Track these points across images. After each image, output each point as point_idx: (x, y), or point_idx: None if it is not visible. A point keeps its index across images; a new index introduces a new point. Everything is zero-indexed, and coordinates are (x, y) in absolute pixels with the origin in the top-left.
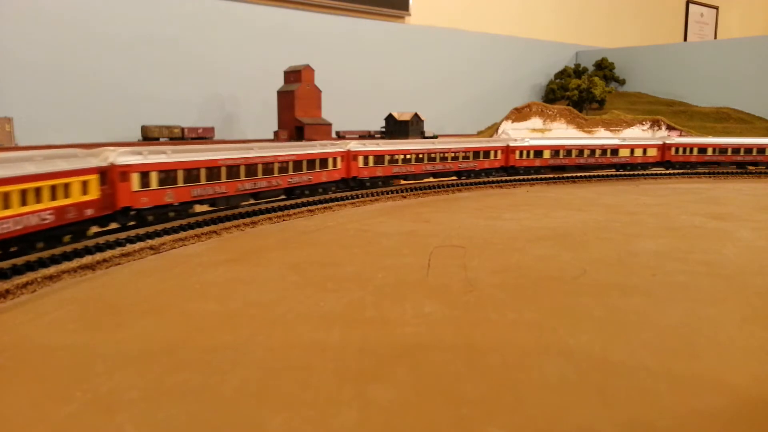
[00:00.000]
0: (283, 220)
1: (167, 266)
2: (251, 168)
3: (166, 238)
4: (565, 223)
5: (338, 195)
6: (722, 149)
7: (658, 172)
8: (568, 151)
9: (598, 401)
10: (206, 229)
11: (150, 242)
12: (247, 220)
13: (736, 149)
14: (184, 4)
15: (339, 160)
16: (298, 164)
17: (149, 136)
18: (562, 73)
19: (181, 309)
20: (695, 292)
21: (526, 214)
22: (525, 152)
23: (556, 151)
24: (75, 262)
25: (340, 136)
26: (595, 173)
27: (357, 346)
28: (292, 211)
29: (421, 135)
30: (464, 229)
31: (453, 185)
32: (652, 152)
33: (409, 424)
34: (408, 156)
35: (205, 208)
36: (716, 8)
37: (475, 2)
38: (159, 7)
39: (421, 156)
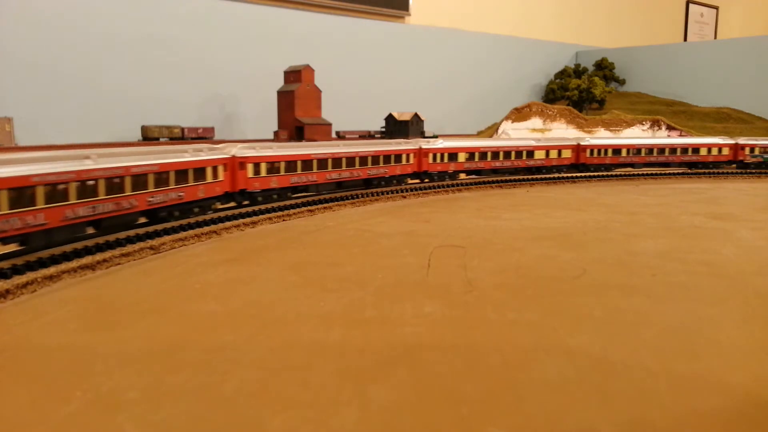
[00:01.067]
0: (283, 220)
1: (167, 266)
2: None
3: (166, 238)
4: (565, 223)
5: (338, 195)
6: (636, 150)
7: (659, 172)
8: (483, 154)
9: (598, 401)
10: (206, 229)
11: (150, 242)
12: (247, 220)
13: (649, 150)
14: (184, 4)
15: (220, 169)
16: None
17: (149, 136)
18: (562, 73)
19: (181, 309)
20: (695, 292)
21: (526, 214)
22: (439, 155)
23: (471, 153)
24: (75, 262)
25: (340, 136)
26: (595, 174)
27: (357, 346)
28: (292, 211)
29: (421, 135)
30: (464, 229)
31: (453, 185)
32: (566, 154)
33: (409, 424)
34: (308, 161)
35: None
36: (716, 8)
37: (476, 2)
38: (159, 7)
39: (323, 161)
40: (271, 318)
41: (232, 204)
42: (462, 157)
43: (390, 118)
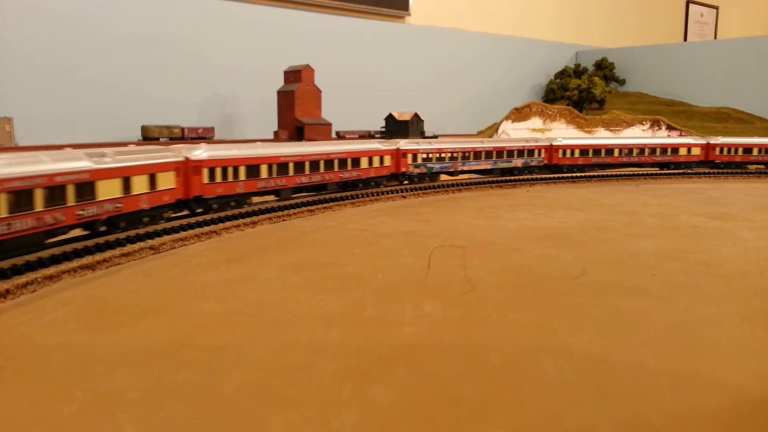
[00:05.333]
0: (283, 220)
1: (167, 266)
2: None
3: (166, 238)
4: (565, 223)
5: (338, 195)
6: (608, 150)
7: (658, 172)
8: (465, 155)
9: (598, 401)
10: (206, 229)
11: (150, 242)
12: (247, 220)
13: (622, 150)
14: (184, 4)
15: (171, 176)
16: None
17: (149, 136)
18: (562, 73)
19: (181, 309)
20: (695, 292)
21: (526, 214)
22: (418, 156)
23: (452, 154)
24: (75, 262)
25: (340, 136)
26: (596, 173)
27: (357, 346)
28: (292, 211)
29: (421, 135)
30: (464, 229)
31: (453, 185)
32: (541, 155)
33: (409, 424)
34: (275, 164)
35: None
36: (716, 8)
37: (475, 2)
38: (159, 7)
39: (295, 163)
40: (272, 318)
41: (185, 212)
42: (448, 157)
43: (390, 118)
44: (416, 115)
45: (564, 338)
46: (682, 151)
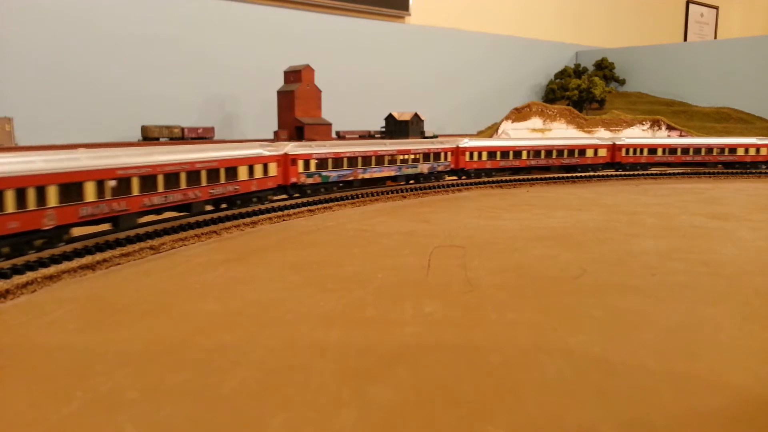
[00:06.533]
0: (283, 220)
1: (167, 266)
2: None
3: (166, 238)
4: (565, 223)
5: (338, 195)
6: (516, 153)
7: (660, 172)
8: (379, 158)
9: (598, 401)
10: (206, 229)
11: (150, 242)
12: (247, 220)
13: (530, 152)
14: (184, 4)
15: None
16: None
17: (149, 136)
18: (562, 73)
19: (181, 309)
20: (695, 292)
21: (526, 214)
22: (313, 163)
23: (363, 158)
24: (75, 262)
25: (341, 136)
26: (596, 173)
27: (357, 346)
28: (292, 211)
29: (421, 135)
30: (464, 229)
31: (453, 185)
32: (448, 158)
33: (409, 424)
34: (108, 181)
35: None
36: (716, 8)
37: (475, 2)
38: (159, 7)
39: (142, 177)
40: (271, 318)
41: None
42: (346, 163)
43: (390, 118)
44: (416, 115)
45: (564, 338)
46: (589, 153)
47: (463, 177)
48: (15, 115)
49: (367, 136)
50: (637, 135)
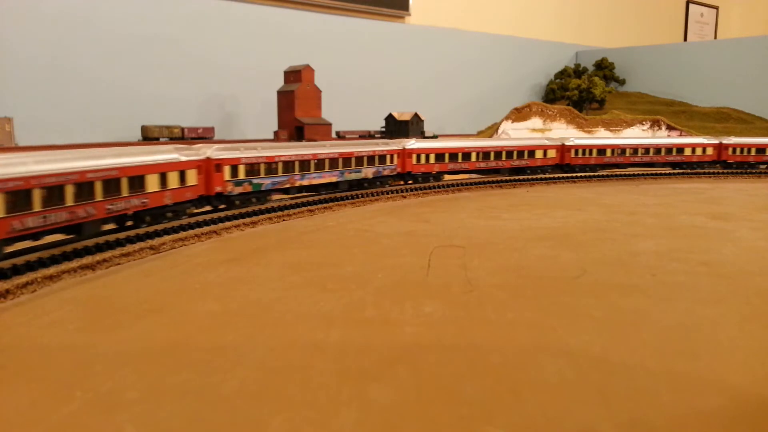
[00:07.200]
0: (283, 220)
1: (167, 266)
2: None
3: (166, 238)
4: (565, 223)
5: (338, 195)
6: (465, 154)
7: (661, 172)
8: (288, 164)
9: (598, 401)
10: (206, 229)
11: (150, 242)
12: (247, 220)
13: (479, 154)
14: (184, 4)
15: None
16: None
17: (149, 136)
18: (562, 73)
19: (181, 309)
20: (695, 292)
21: (526, 214)
22: (242, 169)
23: (298, 162)
24: (75, 262)
25: (340, 136)
26: (596, 173)
27: (357, 346)
28: (292, 211)
29: (422, 135)
30: (464, 229)
31: (453, 185)
32: (395, 161)
33: (409, 424)
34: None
35: None
36: (716, 8)
37: (475, 2)
38: (159, 7)
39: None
40: (271, 318)
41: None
42: (282, 168)
43: (390, 118)
44: (416, 115)
45: (564, 338)
46: (539, 154)
47: (410, 182)
48: (15, 115)
49: (367, 136)
50: (584, 135)
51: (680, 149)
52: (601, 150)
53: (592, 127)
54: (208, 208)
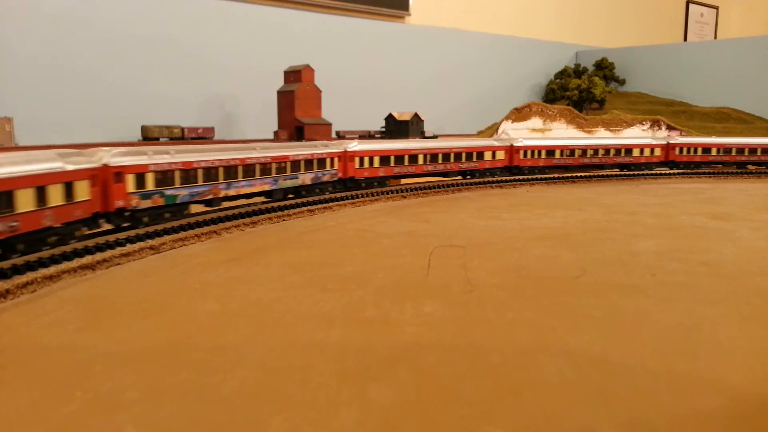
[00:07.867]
0: (283, 220)
1: (167, 266)
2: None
3: (166, 238)
4: (565, 223)
5: (338, 195)
6: (398, 157)
7: (661, 171)
8: (209, 170)
9: (598, 401)
10: (206, 229)
11: (150, 242)
12: (247, 220)
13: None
14: (184, 4)
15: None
16: None
17: (149, 136)
18: (562, 73)
19: (181, 309)
20: (695, 292)
21: (526, 214)
22: (151, 178)
23: (207, 171)
24: (75, 262)
25: (341, 136)
26: (596, 173)
27: (357, 346)
28: (292, 211)
29: (422, 135)
30: (464, 229)
31: (453, 185)
32: (336, 165)
33: (409, 424)
34: None
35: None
36: (716, 8)
37: (475, 2)
38: (159, 7)
39: None
40: (271, 318)
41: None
42: (202, 176)
43: (390, 118)
44: (416, 115)
45: (564, 338)
46: (487, 156)
47: (352, 190)
48: (15, 115)
49: (367, 136)
50: (535, 136)
51: (629, 150)
52: (550, 151)
53: (593, 127)
54: (108, 226)
